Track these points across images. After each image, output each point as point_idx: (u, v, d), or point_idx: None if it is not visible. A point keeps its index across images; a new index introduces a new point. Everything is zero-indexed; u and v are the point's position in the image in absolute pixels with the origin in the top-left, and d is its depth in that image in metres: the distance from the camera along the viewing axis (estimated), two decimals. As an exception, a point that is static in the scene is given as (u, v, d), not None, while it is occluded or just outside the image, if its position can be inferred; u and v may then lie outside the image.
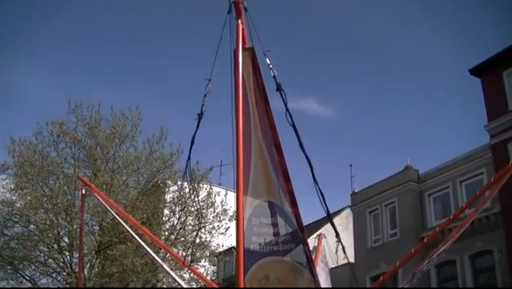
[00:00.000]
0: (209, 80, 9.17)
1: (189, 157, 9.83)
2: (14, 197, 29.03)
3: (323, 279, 13.00)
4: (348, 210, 40.51)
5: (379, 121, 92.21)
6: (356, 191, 38.46)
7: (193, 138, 9.47)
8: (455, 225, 14.37)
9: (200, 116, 9.27)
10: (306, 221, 9.48)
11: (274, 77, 9.16)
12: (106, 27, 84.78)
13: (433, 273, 30.50)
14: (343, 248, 9.07)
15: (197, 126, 9.29)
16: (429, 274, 29.90)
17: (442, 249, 11.98)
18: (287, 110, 8.70)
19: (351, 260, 35.71)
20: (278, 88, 8.91)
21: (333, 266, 20.23)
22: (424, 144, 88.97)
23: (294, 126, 8.72)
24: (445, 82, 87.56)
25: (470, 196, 15.24)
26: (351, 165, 42.26)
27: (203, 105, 9.20)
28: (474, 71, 32.12)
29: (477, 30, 79.94)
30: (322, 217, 43.39)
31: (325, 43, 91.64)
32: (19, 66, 78.83)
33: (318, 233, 17.20)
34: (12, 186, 28.81)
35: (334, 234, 10.20)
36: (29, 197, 28.00)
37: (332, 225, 8.96)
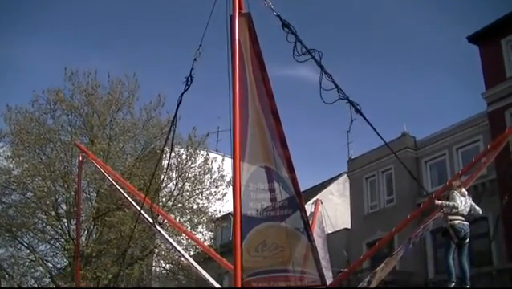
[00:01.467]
0: (200, 45, 9.13)
1: (175, 116, 9.85)
2: (11, 165, 29.04)
3: (320, 245, 13.09)
4: (345, 177, 40.64)
5: (377, 90, 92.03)
6: (353, 157, 38.51)
7: (180, 98, 9.46)
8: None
9: (188, 79, 9.23)
10: (302, 187, 9.52)
11: (279, 16, 9.06)
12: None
13: (429, 239, 30.70)
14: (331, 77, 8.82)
15: (185, 89, 9.26)
16: (425, 240, 30.08)
17: (438, 214, 12.09)
18: (297, 39, 8.60)
19: (348, 226, 35.95)
20: (284, 25, 8.81)
21: (330, 231, 20.35)
22: (422, 112, 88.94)
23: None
24: (443, 50, 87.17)
25: (466, 163, 15.32)
26: (348, 132, 42.25)
27: (192, 69, 9.16)
28: (472, 39, 31.98)
29: (475, -3, 79.33)
30: (318, 183, 43.74)
31: (323, 13, 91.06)
32: (17, 37, 78.38)
33: (314, 199, 17.30)
34: (9, 154, 28.80)
35: (331, 200, 10.30)
36: (26, 165, 28.01)
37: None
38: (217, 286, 15.81)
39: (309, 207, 13.54)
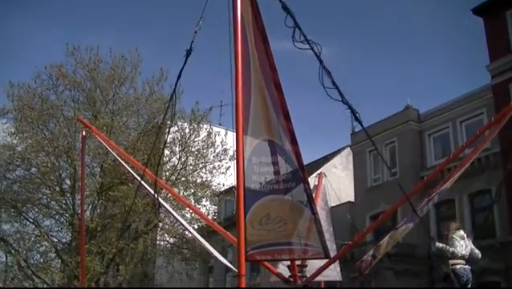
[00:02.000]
0: (201, 18, 9.05)
1: (174, 91, 9.81)
2: (14, 141, 29.14)
3: (324, 218, 13.14)
4: (348, 150, 40.67)
5: (381, 63, 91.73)
6: (356, 131, 38.47)
7: (180, 73, 9.41)
8: (455, 164, 14.44)
9: (188, 52, 9.18)
10: (305, 161, 9.50)
11: None
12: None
13: (432, 212, 30.79)
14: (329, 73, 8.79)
15: (185, 62, 9.21)
16: (428, 213, 30.16)
17: (443, 188, 12.06)
18: (296, 25, 8.53)
19: (351, 199, 36.04)
20: (283, 7, 8.73)
21: (333, 205, 20.39)
22: (425, 85, 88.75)
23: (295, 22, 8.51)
24: (447, 23, 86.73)
25: (470, 136, 15.26)
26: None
27: (192, 42, 9.10)
28: (477, 11, 31.75)
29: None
30: (321, 156, 43.79)
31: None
32: (17, 13, 78.10)
33: (318, 172, 17.32)
34: (12, 130, 28.92)
35: (334, 173, 10.31)
36: (30, 141, 28.10)
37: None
38: (221, 258, 15.88)
39: (312, 180, 13.56)
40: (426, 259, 30.66)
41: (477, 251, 11.23)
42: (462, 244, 10.95)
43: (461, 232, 11.15)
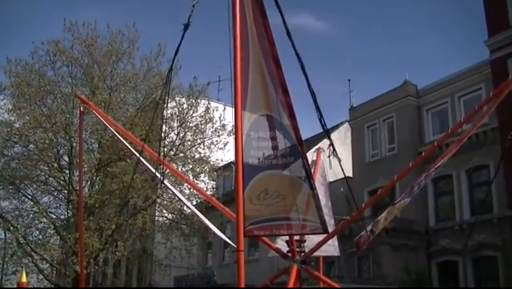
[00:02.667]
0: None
1: (172, 66, 9.78)
2: (12, 118, 29.05)
3: (322, 193, 13.12)
4: (346, 125, 40.68)
5: (379, 38, 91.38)
6: (355, 106, 38.47)
7: (178, 47, 9.36)
8: (453, 140, 14.45)
9: (186, 26, 9.11)
10: (304, 136, 9.48)
11: None
12: None
13: (430, 187, 30.91)
14: (339, 161, 9.07)
15: (182, 36, 9.15)
16: (426, 188, 30.25)
17: (441, 162, 12.07)
18: (284, 22, 8.52)
19: (349, 175, 36.09)
20: None
21: (331, 180, 20.40)
22: (424, 60, 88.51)
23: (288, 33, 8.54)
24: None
25: (468, 111, 15.25)
26: (349, 80, 42.25)
27: (190, 16, 9.03)
28: (476, -15, 31.61)
29: None
30: (320, 132, 43.77)
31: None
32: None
33: (316, 147, 17.26)
34: (10, 107, 28.79)
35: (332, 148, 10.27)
36: (27, 117, 28.00)
37: (328, 137, 8.91)
38: (220, 234, 15.93)
39: (310, 156, 13.52)
40: (423, 234, 30.85)
41: None
42: None
43: None
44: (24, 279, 25.56)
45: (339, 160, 8.53)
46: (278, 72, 8.76)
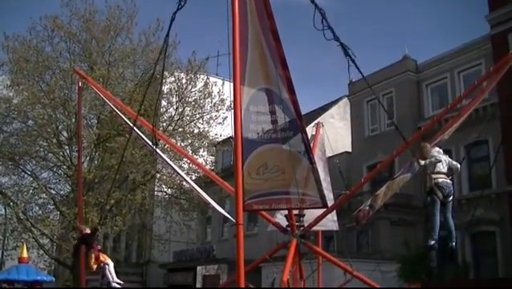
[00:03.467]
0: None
1: (168, 34, 9.72)
2: (10, 94, 28.97)
3: (321, 168, 13.15)
4: (346, 100, 40.62)
5: (379, 12, 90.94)
6: (354, 81, 38.34)
7: (174, 15, 9.29)
8: (452, 115, 14.44)
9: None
10: (303, 111, 9.46)
11: None
12: None
13: (429, 162, 30.88)
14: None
15: (178, 7, 9.09)
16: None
17: (441, 137, 12.08)
18: None
19: (349, 150, 36.16)
20: None
21: (330, 155, 20.43)
22: (424, 35, 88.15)
23: None
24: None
25: (468, 87, 15.22)
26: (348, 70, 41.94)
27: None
28: (477, -41, 31.36)
29: None
30: (319, 106, 43.73)
31: None
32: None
33: (315, 122, 17.27)
34: (8, 83, 28.74)
35: (331, 123, 10.30)
36: (26, 93, 27.93)
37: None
38: (219, 208, 15.96)
39: (310, 130, 13.53)
40: (422, 209, 30.92)
41: (454, 163, 11.38)
42: (442, 159, 11.11)
43: (437, 148, 11.29)
44: (25, 254, 25.68)
45: (324, 15, 8.39)
46: (277, 46, 8.73)
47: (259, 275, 27.47)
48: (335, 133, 32.73)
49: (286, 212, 12.40)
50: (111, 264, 14.71)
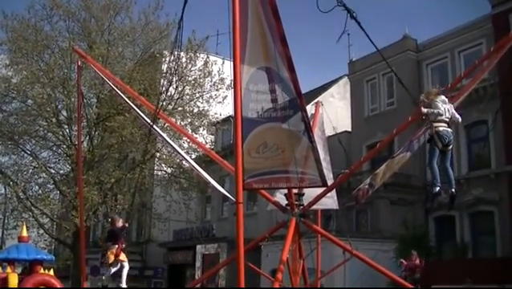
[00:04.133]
0: None
1: (182, 18, 9.61)
2: (9, 73, 28.91)
3: (321, 147, 13.10)
4: (346, 79, 40.54)
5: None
6: (354, 60, 38.26)
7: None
8: (452, 95, 14.40)
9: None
10: (303, 90, 9.41)
11: None
12: None
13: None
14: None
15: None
16: (424, 143, 30.21)
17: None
18: None
19: (348, 129, 36.17)
20: None
21: (330, 134, 20.42)
22: (424, 14, 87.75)
23: None
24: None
25: (468, 66, 15.17)
26: (348, 34, 41.78)
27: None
28: None
29: None
30: (319, 86, 43.65)
31: None
32: None
33: (315, 101, 17.23)
34: (7, 62, 28.68)
35: (331, 102, 10.30)
36: (25, 72, 27.87)
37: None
38: (219, 187, 15.98)
39: (309, 109, 13.50)
40: (421, 189, 30.98)
41: (457, 116, 11.37)
42: (445, 106, 11.10)
43: (442, 97, 11.26)
44: (25, 234, 25.74)
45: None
46: (277, 24, 8.66)
47: (259, 254, 27.64)
48: (334, 112, 32.69)
49: (285, 191, 12.39)
50: (127, 267, 14.89)
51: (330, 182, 12.40)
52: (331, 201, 14.74)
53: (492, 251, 28.08)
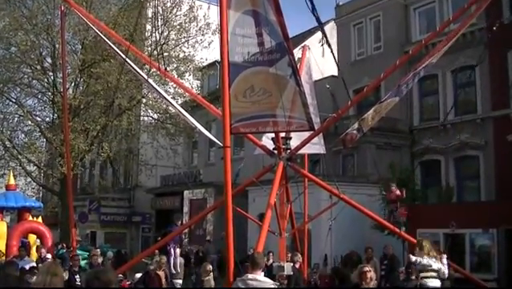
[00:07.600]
0: None
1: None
2: (-9, 20, 28.47)
3: (308, 91, 13.07)
4: (332, 23, 40.08)
5: None
6: (341, 4, 37.85)
7: None
8: (440, 39, 14.35)
9: None
10: (289, 34, 9.32)
11: None
12: None
13: (415, 87, 30.80)
14: (334, 56, 9.01)
15: None
16: (411, 88, 30.15)
17: (429, 61, 12.04)
18: None
19: (335, 73, 35.99)
20: None
21: (317, 78, 20.35)
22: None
23: None
24: None
25: (456, 11, 15.05)
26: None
27: None
28: None
29: None
30: (306, 30, 43.23)
31: None
32: None
33: (302, 45, 17.14)
34: (-12, 9, 28.19)
35: (318, 46, 10.23)
36: (7, 19, 27.51)
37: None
38: (206, 132, 15.97)
39: (296, 53, 13.42)
40: (408, 133, 31.11)
41: (443, 270, 11.37)
42: (432, 264, 11.22)
43: (433, 258, 11.35)
44: (12, 182, 25.71)
45: (332, 50, 8.42)
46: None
47: (246, 199, 27.78)
48: (321, 56, 32.48)
49: (272, 135, 12.41)
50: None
51: (317, 126, 12.41)
52: (317, 146, 14.80)
53: (476, 195, 28.36)
